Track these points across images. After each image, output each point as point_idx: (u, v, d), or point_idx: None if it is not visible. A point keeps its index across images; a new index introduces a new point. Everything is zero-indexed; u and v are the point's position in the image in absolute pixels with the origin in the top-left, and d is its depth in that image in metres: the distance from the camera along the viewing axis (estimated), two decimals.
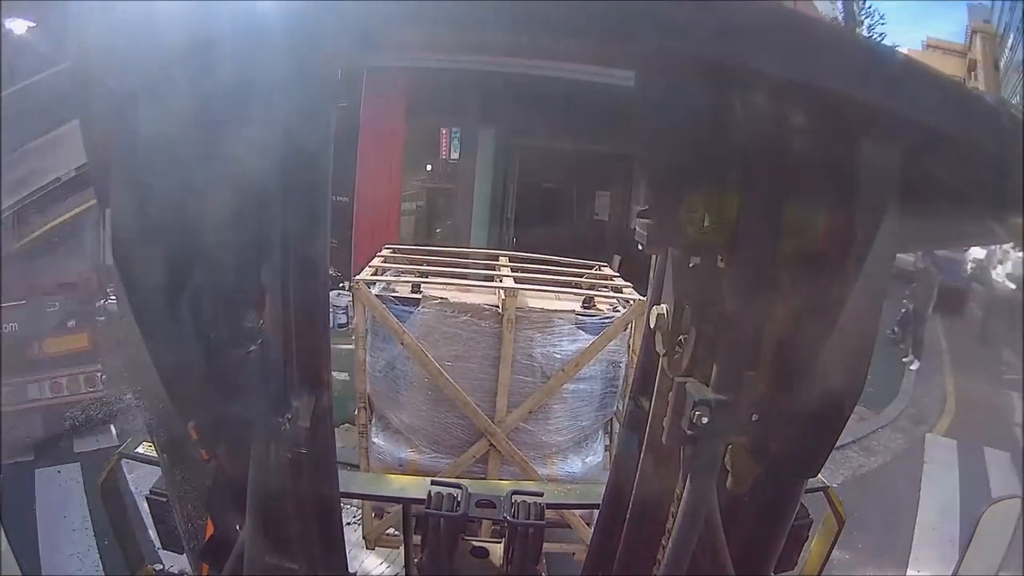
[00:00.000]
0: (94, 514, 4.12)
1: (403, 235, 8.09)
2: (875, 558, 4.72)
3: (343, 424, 4.41)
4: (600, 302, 3.93)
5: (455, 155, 8.44)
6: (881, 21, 11.82)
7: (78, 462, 5.00)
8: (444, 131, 8.34)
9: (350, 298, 4.02)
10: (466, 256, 4.68)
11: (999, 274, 11.81)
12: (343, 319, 6.28)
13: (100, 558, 4.09)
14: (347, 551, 1.11)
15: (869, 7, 11.30)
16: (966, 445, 7.17)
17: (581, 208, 10.38)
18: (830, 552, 1.33)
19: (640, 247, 0.74)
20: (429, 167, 8.45)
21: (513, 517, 1.27)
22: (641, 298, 3.64)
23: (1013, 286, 12.66)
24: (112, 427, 5.27)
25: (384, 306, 3.55)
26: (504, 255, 4.62)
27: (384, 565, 4.19)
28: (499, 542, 1.38)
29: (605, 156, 9.60)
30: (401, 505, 1.61)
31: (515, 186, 9.16)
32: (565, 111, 6.66)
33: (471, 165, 8.39)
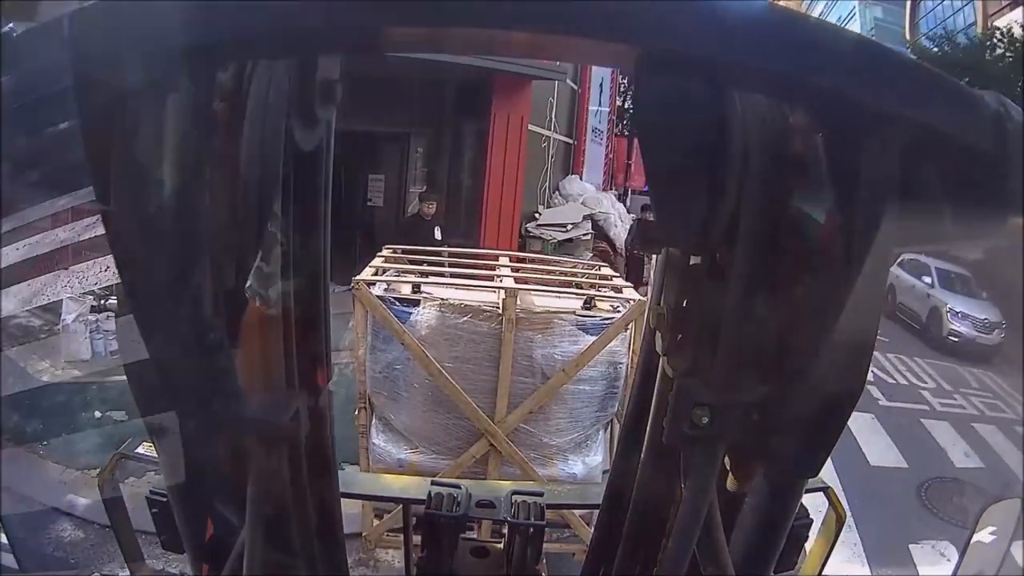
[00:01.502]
0: None
1: None
2: None
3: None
4: (600, 302, 3.93)
5: None
6: None
7: None
8: None
9: None
10: (466, 256, 4.68)
11: None
12: None
13: None
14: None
15: None
16: None
17: (352, 194, 9.52)
18: (830, 552, 1.33)
19: (642, 246, 0.74)
20: None
21: (513, 517, 1.27)
22: (641, 298, 3.65)
23: None
24: None
25: (384, 307, 3.56)
26: (504, 255, 4.62)
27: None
28: (499, 542, 1.37)
29: (376, 136, 8.77)
30: (401, 505, 1.61)
31: None
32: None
33: None
